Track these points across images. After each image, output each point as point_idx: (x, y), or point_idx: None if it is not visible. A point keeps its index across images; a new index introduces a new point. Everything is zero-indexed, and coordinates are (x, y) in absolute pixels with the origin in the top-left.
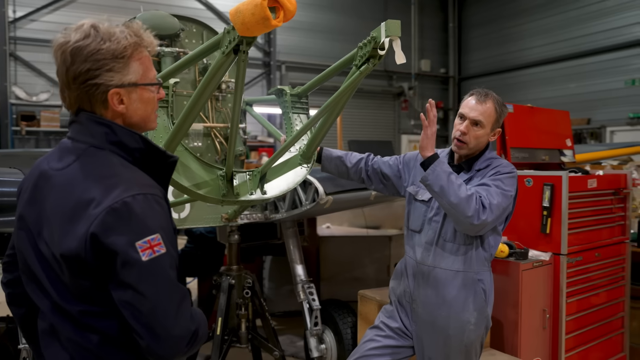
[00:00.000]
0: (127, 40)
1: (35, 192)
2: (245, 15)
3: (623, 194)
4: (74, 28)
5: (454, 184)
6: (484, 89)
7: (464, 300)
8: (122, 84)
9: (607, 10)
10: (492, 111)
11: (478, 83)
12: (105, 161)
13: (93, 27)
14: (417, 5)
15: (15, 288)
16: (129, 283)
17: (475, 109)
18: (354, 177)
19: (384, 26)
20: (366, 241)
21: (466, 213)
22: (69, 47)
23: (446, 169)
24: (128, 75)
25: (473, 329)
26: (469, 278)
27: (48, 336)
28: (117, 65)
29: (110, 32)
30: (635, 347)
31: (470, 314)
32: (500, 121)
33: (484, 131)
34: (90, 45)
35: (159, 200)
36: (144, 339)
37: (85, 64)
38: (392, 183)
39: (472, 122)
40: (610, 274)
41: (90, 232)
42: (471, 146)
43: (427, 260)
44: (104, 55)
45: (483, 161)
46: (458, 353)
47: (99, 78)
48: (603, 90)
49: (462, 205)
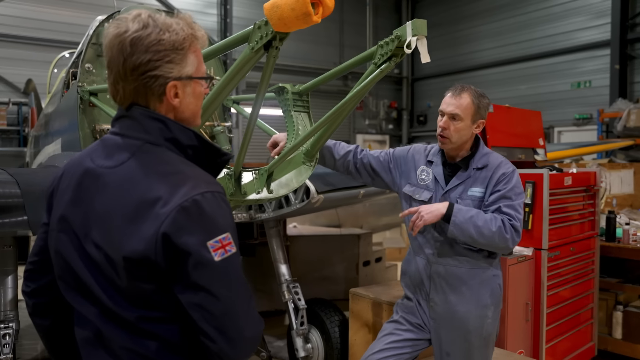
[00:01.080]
0: (184, 32)
1: (80, 191)
2: (284, 10)
3: (593, 190)
4: (130, 18)
5: (479, 227)
6: (462, 84)
7: (482, 297)
8: (180, 77)
9: (554, 16)
10: (468, 103)
11: (431, 84)
12: (164, 158)
13: (151, 17)
14: (372, 6)
15: (40, 297)
16: (201, 285)
17: (451, 103)
18: (341, 168)
19: (411, 25)
20: (335, 240)
21: (499, 245)
22: (128, 37)
23: (464, 215)
24: (186, 67)
25: (491, 322)
26: (486, 275)
27: (91, 345)
28: (177, 57)
29: (167, 23)
30: (602, 336)
31: (488, 309)
32: (482, 112)
33: (463, 124)
34: (151, 36)
35: (225, 198)
36: (217, 342)
37: (146, 54)
38: (382, 178)
39: (450, 117)
40: (582, 268)
41: (161, 232)
42: (454, 140)
43: (441, 260)
44: (165, 46)
45: (479, 158)
46: (477, 346)
47: (159, 69)
48: (551, 92)
49: (495, 241)
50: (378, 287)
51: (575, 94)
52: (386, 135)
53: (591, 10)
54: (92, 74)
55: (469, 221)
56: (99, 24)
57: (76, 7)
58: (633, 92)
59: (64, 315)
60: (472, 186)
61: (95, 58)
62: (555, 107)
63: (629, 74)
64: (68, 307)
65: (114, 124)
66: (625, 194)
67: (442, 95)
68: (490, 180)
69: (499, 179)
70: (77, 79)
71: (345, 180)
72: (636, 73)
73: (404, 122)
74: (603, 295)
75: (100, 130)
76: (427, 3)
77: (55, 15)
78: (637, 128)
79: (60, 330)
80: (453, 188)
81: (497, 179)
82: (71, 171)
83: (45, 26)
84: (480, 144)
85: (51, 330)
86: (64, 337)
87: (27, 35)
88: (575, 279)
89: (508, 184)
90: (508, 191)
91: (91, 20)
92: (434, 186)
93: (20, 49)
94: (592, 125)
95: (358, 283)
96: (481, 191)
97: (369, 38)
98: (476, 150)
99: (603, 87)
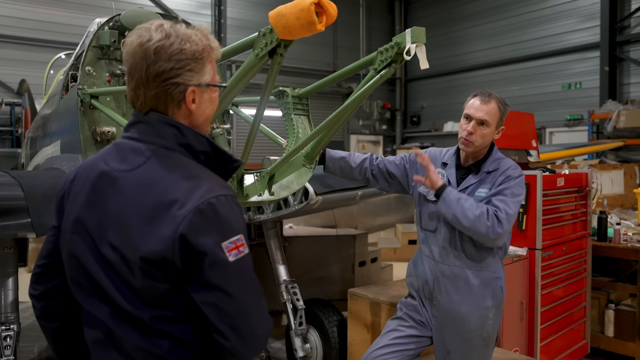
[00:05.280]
0: (202, 42)
1: (94, 194)
2: (288, 18)
3: (585, 191)
4: (153, 28)
5: (464, 208)
6: (486, 90)
7: (484, 298)
8: (199, 84)
9: (545, 19)
10: (496, 110)
11: (424, 85)
12: (180, 162)
13: (172, 28)
14: (365, 8)
15: (49, 300)
16: (216, 284)
17: (481, 109)
18: (359, 176)
19: (410, 33)
20: (331, 241)
21: (480, 231)
22: (152, 45)
23: (454, 196)
24: (204, 75)
25: (491, 324)
26: (489, 276)
27: (102, 346)
28: (197, 66)
29: (187, 34)
30: (595, 334)
31: (489, 310)
32: (503, 119)
33: (489, 130)
34: (174, 45)
35: (237, 201)
36: (230, 339)
37: (169, 62)
38: (398, 181)
39: (478, 122)
40: (575, 267)
41: (179, 233)
42: (477, 144)
43: (446, 260)
44: (187, 55)
45: (491, 162)
46: (477, 346)
47: (180, 77)
48: (542, 93)
49: (475, 225)
50: (376, 287)
51: (566, 95)
52: (380, 135)
53: (581, 13)
54: (92, 77)
55: (457, 201)
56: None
57: (71, 7)
58: (622, 93)
59: (72, 318)
60: (480, 187)
61: (96, 61)
62: (546, 108)
63: (618, 75)
64: (76, 309)
65: (129, 128)
66: (616, 194)
67: (436, 96)
68: (495, 182)
69: (502, 181)
70: (78, 81)
71: (343, 181)
72: (625, 75)
73: (398, 123)
74: (595, 294)
75: (100, 132)
76: (420, 5)
77: (49, 16)
78: (627, 129)
79: (68, 333)
80: (463, 190)
81: (501, 180)
82: (84, 174)
83: (39, 26)
84: (494, 149)
85: (59, 333)
86: (71, 339)
87: (20, 36)
88: (568, 278)
89: (508, 184)
90: (505, 189)
91: (86, 20)
92: None
93: (14, 49)
94: (583, 126)
95: (354, 283)
96: (486, 192)
97: (363, 39)
98: (489, 154)
99: (593, 88)
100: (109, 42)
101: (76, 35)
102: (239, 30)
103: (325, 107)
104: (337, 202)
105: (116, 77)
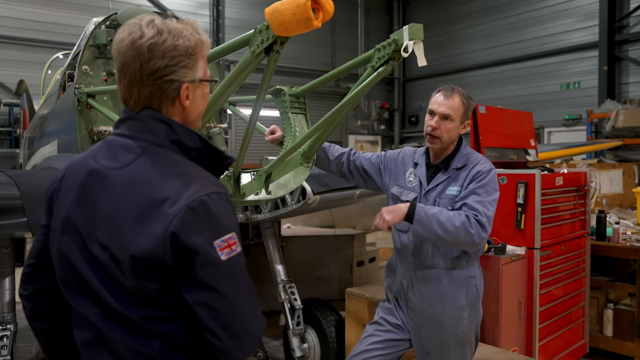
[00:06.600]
0: (194, 37)
1: (84, 192)
2: (284, 15)
3: (584, 190)
4: (144, 24)
5: (442, 223)
6: (450, 85)
7: (457, 297)
8: (193, 80)
9: (543, 18)
10: (459, 104)
11: (422, 85)
12: (171, 159)
13: (164, 24)
14: (364, 8)
15: (38, 300)
16: (208, 283)
17: (443, 104)
18: (334, 169)
19: (407, 29)
20: (329, 241)
21: (465, 241)
22: (145, 43)
23: (427, 212)
24: (197, 71)
25: (467, 323)
26: (461, 275)
27: (92, 347)
28: (190, 62)
29: (179, 29)
30: (593, 333)
31: (463, 310)
32: (469, 114)
33: (453, 124)
34: (167, 42)
35: (229, 198)
36: (222, 339)
37: (163, 60)
38: (373, 180)
39: (441, 117)
40: (573, 266)
41: (170, 231)
42: (443, 140)
43: (419, 260)
44: (180, 52)
45: (460, 158)
46: (454, 346)
47: (175, 74)
48: (541, 92)
49: (459, 236)
50: (374, 287)
51: (564, 95)
52: (378, 136)
53: (579, 12)
54: (89, 76)
55: (432, 217)
56: (96, 26)
57: (68, 7)
58: (621, 93)
59: (62, 318)
60: (450, 185)
61: (92, 60)
62: (545, 107)
63: (616, 75)
64: (66, 309)
65: (119, 125)
66: (615, 193)
67: None
68: (465, 179)
69: (473, 177)
70: (75, 80)
71: (341, 181)
72: (624, 74)
73: (396, 123)
74: (594, 293)
75: (97, 131)
76: (418, 4)
77: (47, 16)
78: (626, 128)
79: (59, 333)
80: (433, 188)
81: (472, 176)
82: (74, 172)
83: (37, 27)
84: (462, 145)
85: (49, 334)
86: (62, 340)
87: (18, 36)
88: (567, 277)
89: (481, 181)
90: (479, 188)
91: (83, 20)
92: (419, 187)
93: (12, 50)
94: (581, 125)
95: (352, 283)
96: (458, 190)
97: (361, 39)
98: (457, 150)
99: (592, 88)
100: (105, 41)
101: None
102: (237, 30)
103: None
104: (335, 201)
105: (113, 76)
